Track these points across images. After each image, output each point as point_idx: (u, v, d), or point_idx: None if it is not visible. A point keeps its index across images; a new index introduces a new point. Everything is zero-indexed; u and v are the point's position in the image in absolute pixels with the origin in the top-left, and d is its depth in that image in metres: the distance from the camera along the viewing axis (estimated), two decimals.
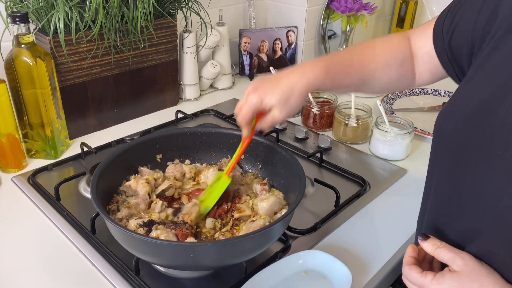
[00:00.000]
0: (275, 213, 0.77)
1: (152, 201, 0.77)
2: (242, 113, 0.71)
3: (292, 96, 0.69)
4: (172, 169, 0.85)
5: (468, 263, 0.54)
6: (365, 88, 0.81)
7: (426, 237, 0.59)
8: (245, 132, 0.74)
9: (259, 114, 0.73)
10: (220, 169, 0.86)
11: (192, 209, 0.75)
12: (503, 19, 0.58)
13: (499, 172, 0.53)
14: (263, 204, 0.76)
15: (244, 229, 0.72)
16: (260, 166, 0.87)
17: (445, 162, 0.63)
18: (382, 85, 0.81)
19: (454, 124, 0.60)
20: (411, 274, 0.58)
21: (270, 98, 0.69)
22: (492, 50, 0.58)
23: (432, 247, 0.58)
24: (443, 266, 0.60)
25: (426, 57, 0.76)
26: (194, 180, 0.86)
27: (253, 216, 0.75)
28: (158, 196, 0.79)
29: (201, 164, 0.90)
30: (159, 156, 0.86)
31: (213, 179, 0.81)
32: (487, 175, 0.54)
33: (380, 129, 1.05)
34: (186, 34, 1.25)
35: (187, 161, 0.89)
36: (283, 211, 0.77)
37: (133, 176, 0.81)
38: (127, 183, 0.79)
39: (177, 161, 0.88)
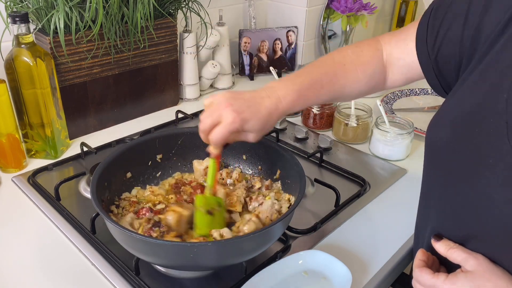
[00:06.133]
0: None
1: None
2: (220, 134, 0.66)
3: (269, 123, 0.70)
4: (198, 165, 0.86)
5: (482, 263, 0.55)
6: (336, 100, 0.85)
7: (439, 238, 0.59)
8: (216, 150, 0.71)
9: None
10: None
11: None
12: (488, 35, 0.58)
13: (495, 182, 0.52)
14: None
15: (252, 215, 0.74)
16: (260, 166, 0.87)
17: (439, 172, 0.62)
18: (352, 96, 0.83)
19: (444, 132, 0.60)
20: (422, 275, 0.58)
21: (252, 125, 0.68)
22: (477, 64, 0.59)
23: (445, 247, 0.58)
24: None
25: (404, 68, 0.76)
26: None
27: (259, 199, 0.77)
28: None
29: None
30: (159, 156, 0.86)
31: (199, 203, 0.73)
32: (482, 185, 0.54)
33: (380, 129, 1.05)
34: (186, 34, 1.25)
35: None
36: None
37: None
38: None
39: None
